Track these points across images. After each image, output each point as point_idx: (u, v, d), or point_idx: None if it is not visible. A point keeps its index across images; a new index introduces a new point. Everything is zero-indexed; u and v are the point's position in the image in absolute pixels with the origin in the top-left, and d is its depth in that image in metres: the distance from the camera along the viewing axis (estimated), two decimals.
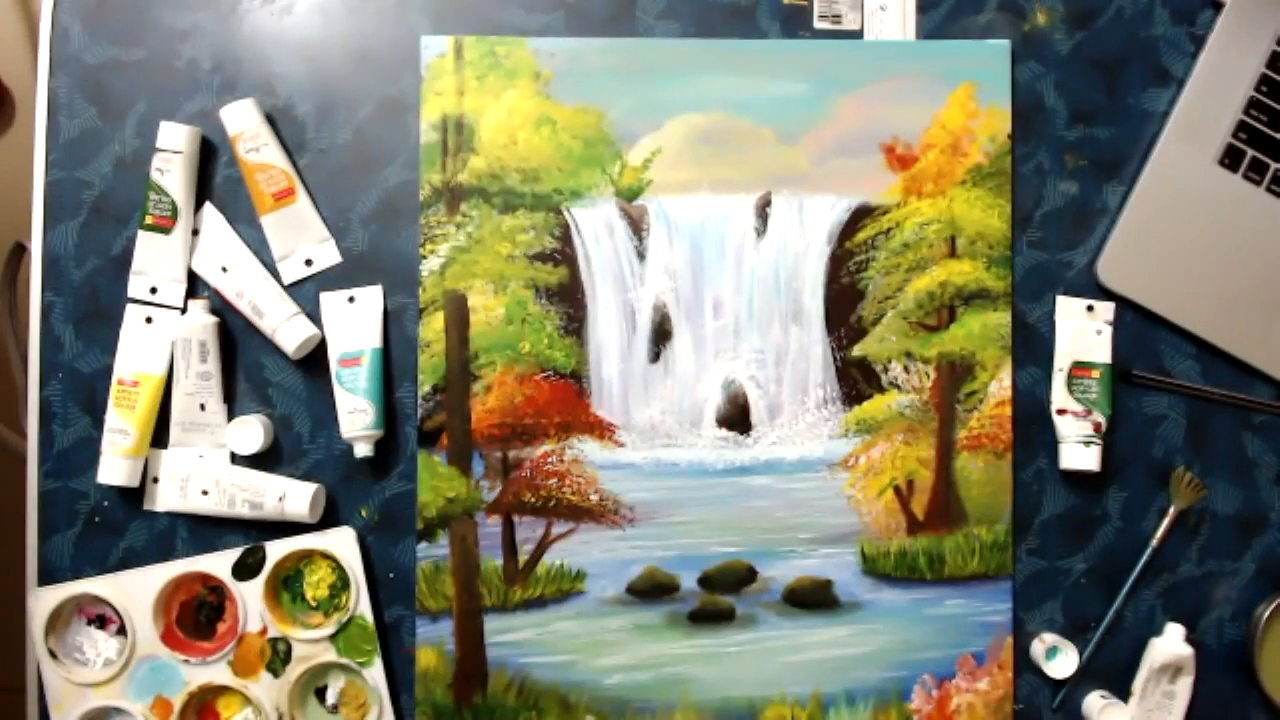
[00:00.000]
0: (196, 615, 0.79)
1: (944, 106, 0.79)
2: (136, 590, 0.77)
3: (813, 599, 0.78)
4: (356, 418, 0.76)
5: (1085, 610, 0.79)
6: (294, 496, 0.76)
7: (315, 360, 0.79)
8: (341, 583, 0.77)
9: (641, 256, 0.79)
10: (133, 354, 0.78)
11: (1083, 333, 0.79)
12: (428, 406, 0.78)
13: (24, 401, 0.80)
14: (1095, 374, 0.78)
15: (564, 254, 0.79)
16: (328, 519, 0.78)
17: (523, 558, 0.78)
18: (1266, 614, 0.78)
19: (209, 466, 0.78)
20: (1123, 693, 0.78)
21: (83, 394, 0.79)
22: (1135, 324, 0.80)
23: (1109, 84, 0.81)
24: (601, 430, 0.79)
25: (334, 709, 0.78)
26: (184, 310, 0.78)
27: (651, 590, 0.78)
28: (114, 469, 0.76)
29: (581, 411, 0.79)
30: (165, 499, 0.78)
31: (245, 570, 0.77)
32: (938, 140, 0.79)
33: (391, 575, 0.79)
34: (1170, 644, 0.77)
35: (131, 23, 0.80)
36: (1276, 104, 0.79)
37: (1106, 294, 0.79)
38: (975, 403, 0.79)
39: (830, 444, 0.79)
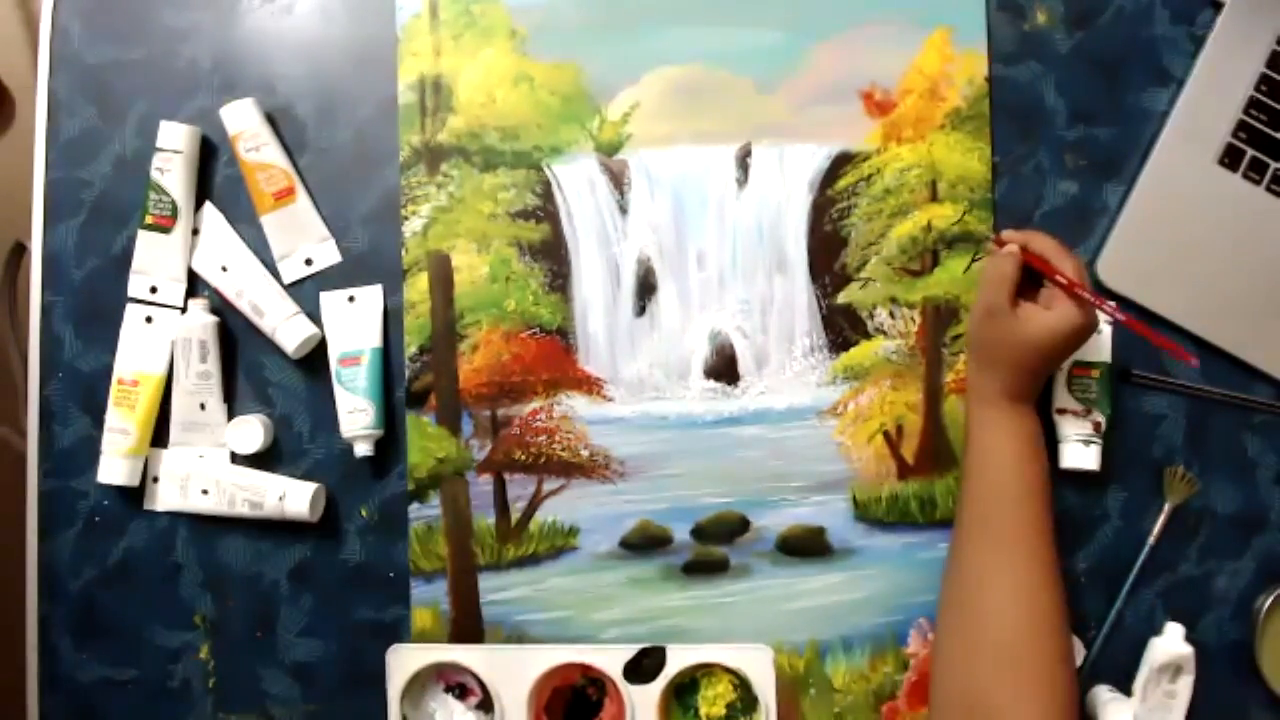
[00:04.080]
0: (569, 706, 0.73)
1: (920, 51, 0.80)
2: (512, 668, 0.72)
3: (806, 547, 0.79)
4: (356, 417, 0.76)
5: (1085, 610, 0.79)
6: (294, 496, 0.76)
7: (315, 360, 0.79)
8: (743, 704, 0.72)
9: (624, 211, 0.79)
10: (133, 353, 0.78)
11: None
12: (415, 368, 0.78)
13: (24, 401, 0.80)
14: (1095, 373, 0.78)
15: (546, 211, 0.79)
16: (327, 519, 0.78)
17: (515, 515, 0.78)
18: (1267, 604, 0.78)
19: (209, 466, 0.78)
20: (1123, 692, 0.78)
21: (83, 394, 0.79)
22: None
23: (1109, 84, 0.81)
24: (589, 386, 0.79)
25: None
26: (184, 310, 0.78)
27: (645, 544, 0.78)
28: (114, 468, 0.76)
29: (569, 367, 0.79)
30: (165, 499, 0.78)
31: (639, 673, 0.71)
32: (915, 85, 0.80)
33: (392, 575, 0.79)
34: (1170, 643, 0.77)
35: (131, 23, 0.80)
36: (1276, 104, 0.79)
37: (1107, 294, 0.79)
38: (961, 346, 0.79)
39: (818, 392, 0.79)
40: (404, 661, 0.71)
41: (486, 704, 0.71)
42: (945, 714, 0.67)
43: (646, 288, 0.80)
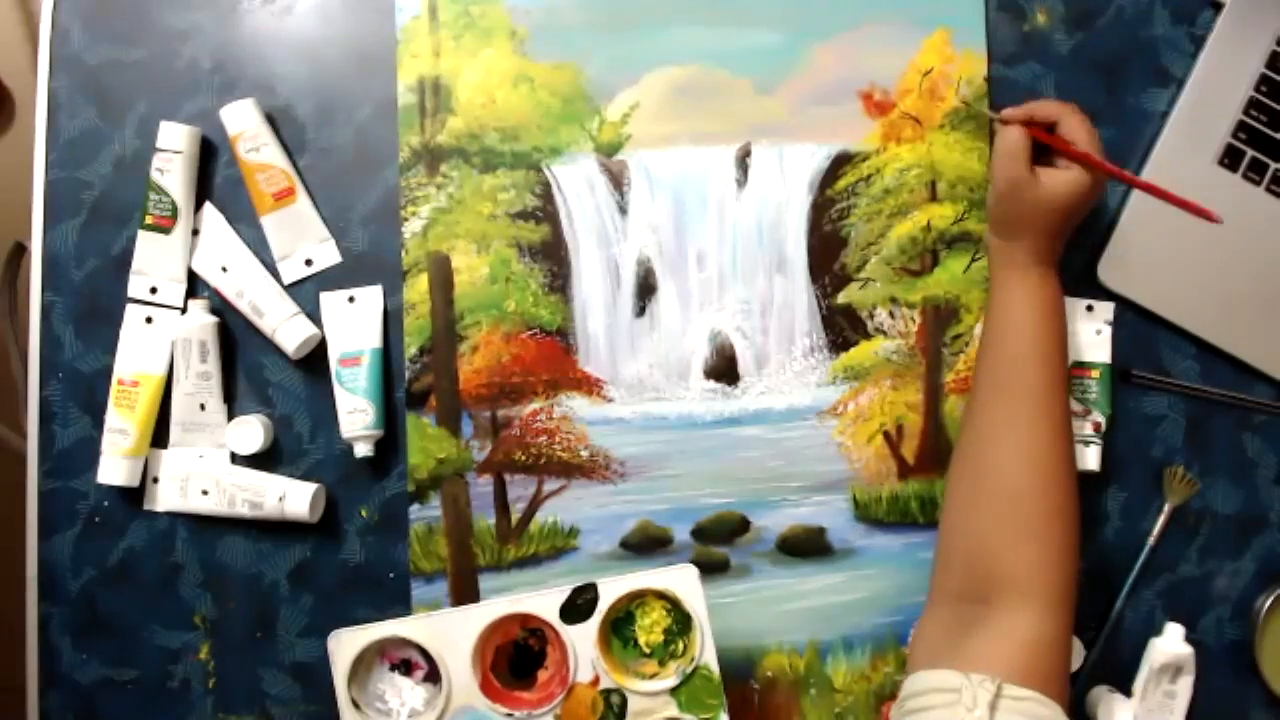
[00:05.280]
0: (513, 662, 0.72)
1: (920, 51, 0.80)
2: (453, 633, 0.69)
3: (806, 547, 0.79)
4: (356, 418, 0.76)
5: (1085, 610, 0.79)
6: (294, 496, 0.76)
7: (315, 360, 0.79)
8: (678, 627, 0.70)
9: (623, 211, 0.79)
10: (133, 354, 0.78)
11: (1083, 333, 0.79)
12: (415, 368, 0.78)
13: (24, 401, 0.80)
14: (1095, 374, 0.78)
15: (546, 211, 0.79)
16: (328, 519, 0.78)
17: (515, 516, 0.78)
18: (1267, 604, 0.78)
19: (209, 466, 0.78)
20: (1123, 692, 0.77)
21: (83, 394, 0.79)
22: (1135, 324, 0.80)
23: (1109, 84, 0.81)
24: (589, 386, 0.79)
25: None
26: (184, 310, 0.78)
27: (645, 544, 0.79)
28: (114, 469, 0.76)
29: (569, 368, 0.79)
30: (165, 499, 0.78)
31: (575, 613, 0.69)
32: (915, 85, 0.80)
33: (392, 575, 0.79)
34: (1170, 644, 0.77)
35: (131, 23, 0.80)
36: (1276, 104, 0.79)
37: (1106, 294, 0.79)
38: (961, 346, 0.80)
39: (818, 392, 0.79)
40: (345, 645, 0.70)
41: (434, 675, 0.70)
42: (949, 560, 0.68)
43: (646, 288, 0.80)
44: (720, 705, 0.69)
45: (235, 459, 0.79)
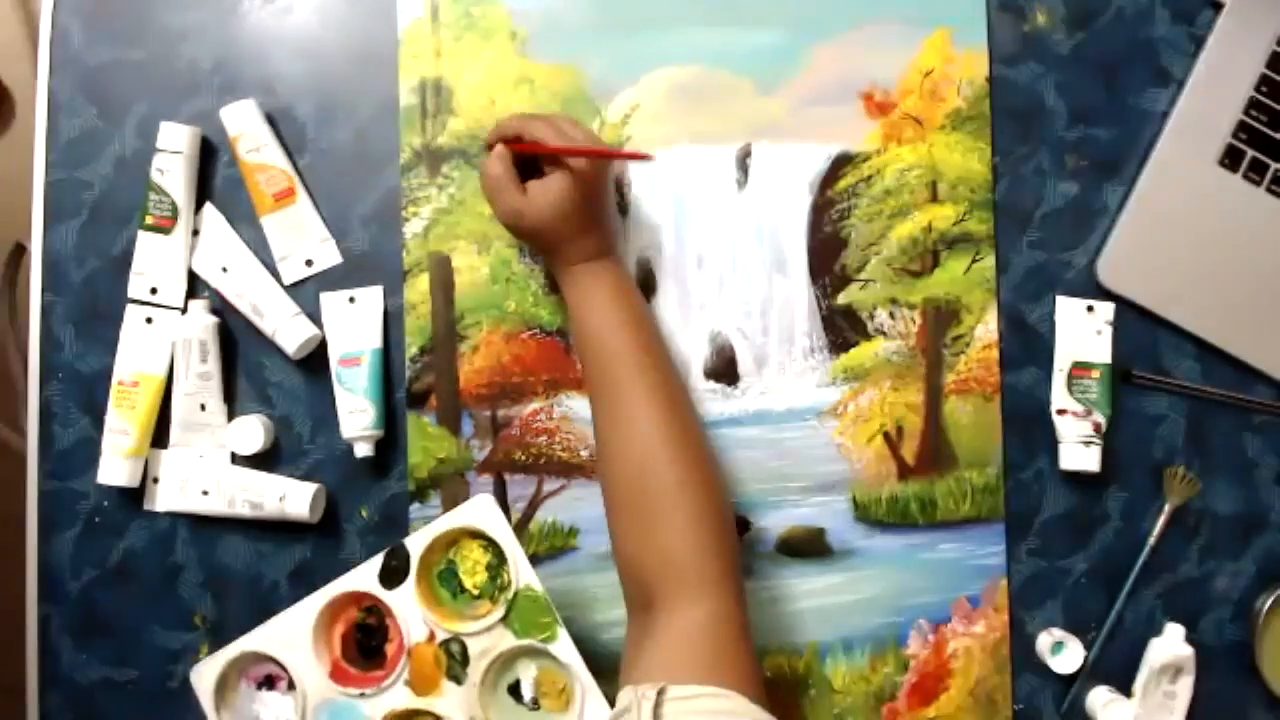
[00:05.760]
0: (361, 643, 0.71)
1: (920, 51, 0.80)
2: (290, 634, 0.69)
3: (806, 548, 0.79)
4: (357, 418, 0.76)
5: (1085, 610, 0.79)
6: (294, 496, 0.76)
7: (315, 360, 0.79)
8: (498, 559, 0.69)
9: (624, 212, 0.79)
10: (133, 354, 0.78)
11: (1083, 333, 0.79)
12: (415, 368, 0.78)
13: (24, 401, 0.80)
14: (1095, 374, 0.78)
15: None
16: (328, 519, 0.78)
17: (515, 516, 0.78)
18: (1267, 605, 0.78)
19: (209, 466, 0.78)
20: (1123, 693, 0.78)
21: (83, 394, 0.79)
22: (1135, 324, 0.80)
23: (1109, 84, 0.81)
24: None
25: (534, 704, 0.68)
26: (184, 310, 0.78)
27: None
28: (114, 469, 0.76)
29: (569, 368, 0.79)
30: (165, 499, 0.78)
31: (392, 576, 0.68)
32: (915, 86, 0.80)
33: None
34: (1170, 644, 0.77)
35: (131, 23, 0.80)
36: (1276, 104, 0.79)
37: (1106, 294, 0.79)
38: (962, 347, 0.80)
39: (818, 392, 0.79)
40: (204, 675, 0.69)
41: (294, 681, 0.69)
42: (620, 577, 0.67)
43: (646, 289, 0.80)
44: (554, 620, 0.67)
45: (235, 459, 0.79)
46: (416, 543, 0.68)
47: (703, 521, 0.64)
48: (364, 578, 0.69)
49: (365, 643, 0.71)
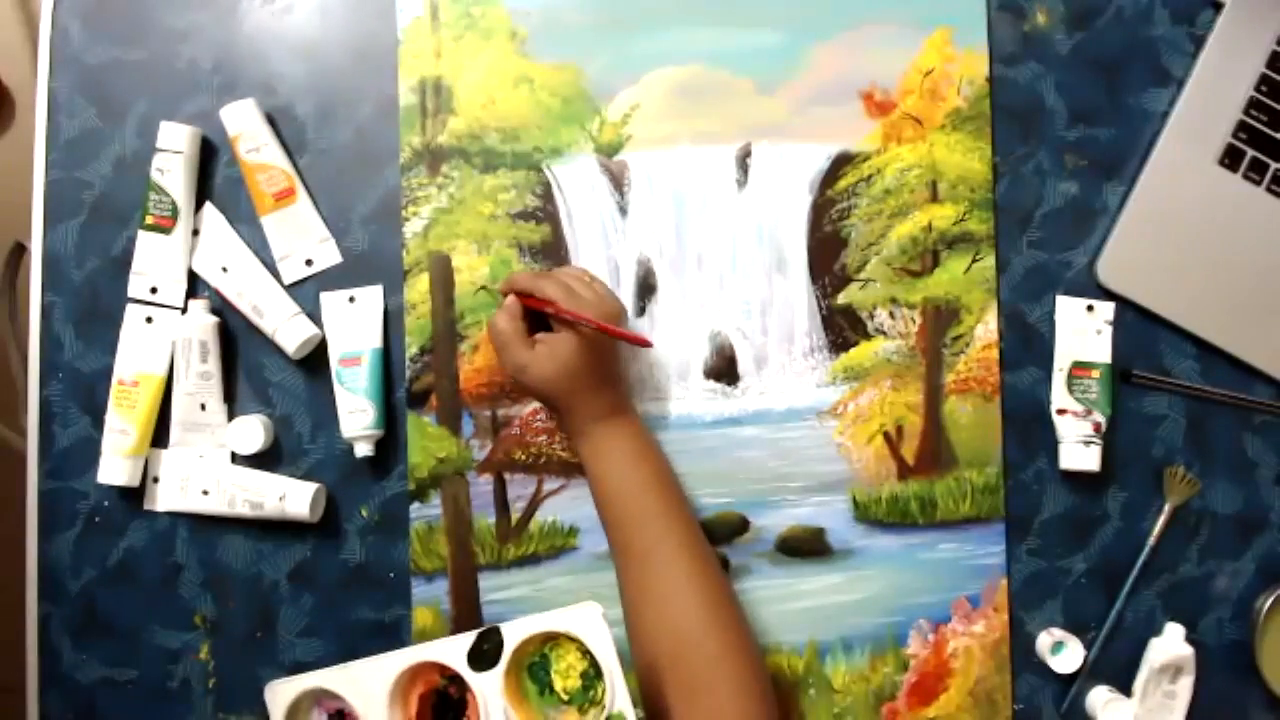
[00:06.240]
0: (437, 710, 0.70)
1: (921, 51, 0.80)
2: (368, 683, 0.68)
3: (806, 547, 0.79)
4: (357, 418, 0.76)
5: (1085, 610, 0.79)
6: (294, 496, 0.76)
7: (315, 360, 0.79)
8: (594, 670, 0.65)
9: (624, 212, 0.79)
10: (133, 354, 0.78)
11: (1083, 333, 0.79)
12: (415, 368, 0.78)
13: (24, 401, 0.80)
14: (1095, 374, 0.78)
15: (546, 212, 0.79)
16: (328, 519, 0.78)
17: (515, 515, 0.79)
18: (1267, 605, 0.78)
19: (209, 466, 0.78)
20: (1123, 693, 0.78)
21: (83, 394, 0.79)
22: (1135, 324, 0.80)
23: (1109, 84, 0.81)
24: None
25: None
26: (184, 310, 0.78)
27: None
28: (114, 469, 0.76)
29: None
30: (165, 499, 0.78)
31: (481, 659, 0.66)
32: (915, 85, 0.80)
33: (392, 575, 0.79)
34: (1170, 644, 0.77)
35: (131, 23, 0.80)
36: (1276, 104, 0.79)
37: (1106, 294, 0.79)
38: (962, 346, 0.79)
39: (818, 392, 0.79)
40: (279, 696, 0.70)
41: None
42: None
43: (646, 288, 0.80)
44: None
45: (235, 459, 0.79)
46: (513, 633, 0.66)
47: (749, 690, 0.65)
48: (453, 652, 0.67)
49: (441, 711, 0.70)
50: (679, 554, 0.68)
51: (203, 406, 0.78)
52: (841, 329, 0.80)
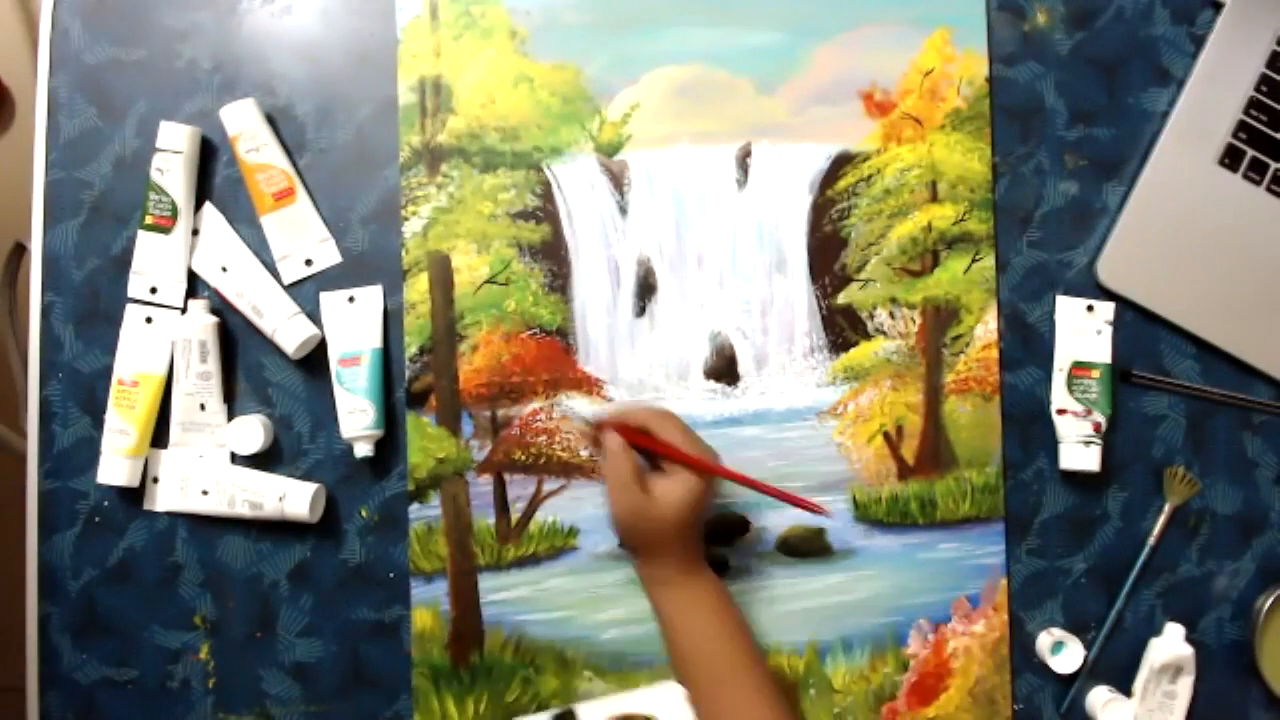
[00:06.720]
0: None
1: (920, 51, 0.80)
2: None
3: (806, 547, 0.79)
4: (356, 418, 0.76)
5: (1085, 610, 0.79)
6: (294, 496, 0.76)
7: (315, 360, 0.79)
8: None
9: (623, 211, 0.79)
10: (133, 354, 0.78)
11: (1083, 333, 0.79)
12: (415, 368, 0.78)
13: (24, 401, 0.80)
14: (1095, 374, 0.78)
15: (546, 211, 0.79)
16: (328, 519, 0.78)
17: (515, 515, 0.79)
18: (1267, 605, 0.78)
19: (209, 466, 0.78)
20: (1123, 693, 0.78)
21: (83, 394, 0.79)
22: (1135, 324, 0.80)
23: (1109, 84, 0.81)
24: (589, 386, 0.79)
25: None
26: (184, 310, 0.78)
27: None
28: (114, 469, 0.76)
29: (569, 368, 0.79)
30: (165, 499, 0.78)
31: None
32: (915, 85, 0.80)
33: (392, 575, 0.79)
34: (1170, 644, 0.77)
35: (131, 23, 0.80)
36: (1276, 104, 0.79)
37: (1106, 294, 0.79)
38: (962, 346, 0.80)
39: (818, 392, 0.79)
40: None
41: None
42: None
43: (646, 288, 0.80)
44: None
45: (235, 459, 0.79)
46: (590, 715, 0.65)
47: None
48: None
49: None
50: (758, 685, 0.67)
51: (202, 406, 0.78)
52: (841, 329, 0.80)
